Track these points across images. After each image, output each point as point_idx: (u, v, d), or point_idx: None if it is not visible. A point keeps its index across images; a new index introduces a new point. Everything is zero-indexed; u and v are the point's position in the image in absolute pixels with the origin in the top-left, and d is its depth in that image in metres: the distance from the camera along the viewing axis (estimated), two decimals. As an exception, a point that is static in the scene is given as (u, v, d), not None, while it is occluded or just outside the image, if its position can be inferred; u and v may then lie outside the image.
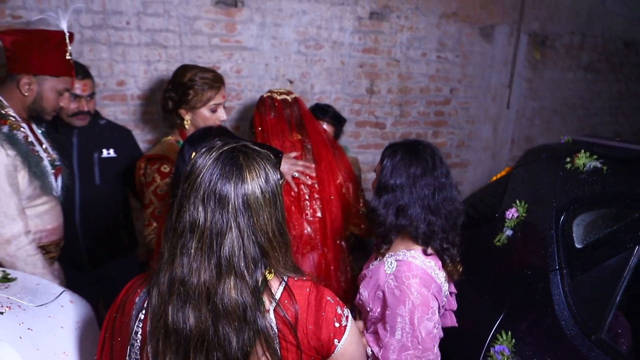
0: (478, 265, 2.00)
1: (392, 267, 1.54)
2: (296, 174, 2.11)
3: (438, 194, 1.56)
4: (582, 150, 1.90)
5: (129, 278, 2.52)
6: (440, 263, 1.58)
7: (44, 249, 2.03)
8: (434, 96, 3.59)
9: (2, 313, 1.32)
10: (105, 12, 2.67)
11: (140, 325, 1.07)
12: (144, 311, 1.07)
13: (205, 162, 1.01)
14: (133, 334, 1.08)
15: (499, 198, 2.17)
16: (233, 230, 0.99)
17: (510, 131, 3.97)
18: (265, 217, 1.02)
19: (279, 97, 2.21)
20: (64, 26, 1.99)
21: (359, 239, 2.50)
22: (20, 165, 1.86)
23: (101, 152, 2.37)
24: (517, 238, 1.95)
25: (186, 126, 2.22)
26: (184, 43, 2.84)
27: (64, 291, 1.67)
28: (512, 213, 2.00)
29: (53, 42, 1.90)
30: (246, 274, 1.00)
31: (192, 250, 1.00)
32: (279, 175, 1.07)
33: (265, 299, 1.05)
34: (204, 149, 1.05)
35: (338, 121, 2.60)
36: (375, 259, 1.67)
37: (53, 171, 2.03)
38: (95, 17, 2.66)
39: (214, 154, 1.03)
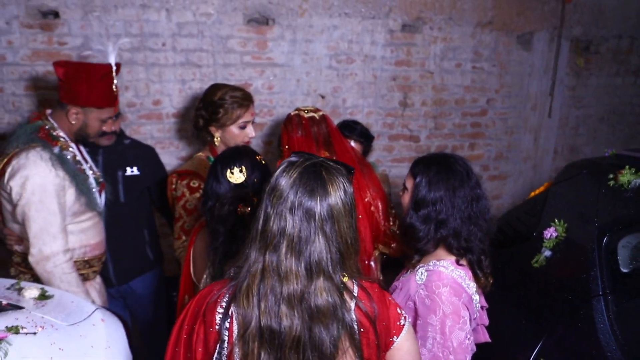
0: (514, 286, 1.91)
1: (423, 277, 1.54)
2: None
3: (475, 204, 1.56)
4: (627, 167, 1.78)
5: (154, 293, 2.63)
6: (470, 273, 1.56)
7: (87, 263, 2.13)
8: (470, 107, 3.50)
9: (35, 333, 1.36)
10: (142, 35, 2.77)
11: (227, 333, 1.12)
12: (229, 318, 1.12)
13: (289, 177, 1.10)
14: (220, 342, 1.13)
15: (536, 216, 2.07)
16: (320, 237, 1.09)
17: (553, 141, 3.80)
18: (345, 225, 1.13)
19: (306, 115, 2.21)
20: (111, 60, 2.11)
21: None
22: (68, 183, 1.97)
23: (125, 170, 2.43)
24: (556, 259, 1.86)
25: (216, 143, 2.26)
26: (217, 62, 2.90)
27: (96, 309, 1.72)
28: (550, 233, 1.91)
29: (100, 74, 2.03)
30: (333, 275, 1.10)
31: (283, 257, 1.08)
32: (352, 188, 1.17)
33: (346, 297, 1.14)
34: (285, 165, 1.14)
35: (366, 138, 2.56)
36: (407, 271, 1.67)
37: (97, 188, 2.13)
38: (133, 40, 2.76)
39: (297, 169, 1.11)
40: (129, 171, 2.45)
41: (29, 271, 2.03)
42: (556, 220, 1.92)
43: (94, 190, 2.10)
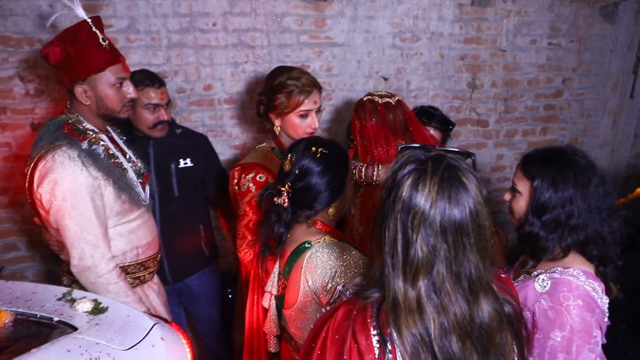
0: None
1: (546, 286, 1.37)
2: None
3: (607, 200, 1.37)
4: None
5: (210, 290, 2.48)
6: (604, 286, 1.36)
7: (142, 265, 1.95)
8: (544, 88, 3.17)
9: None
10: (192, 15, 2.55)
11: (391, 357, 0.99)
12: (389, 347, 0.99)
13: (427, 192, 0.94)
14: None
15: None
16: (473, 250, 0.96)
17: (634, 124, 3.44)
18: (487, 222, 1.00)
19: (381, 101, 2.00)
20: (81, 13, 1.75)
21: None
22: (104, 182, 1.76)
23: (178, 162, 2.27)
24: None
25: (276, 132, 2.04)
26: (271, 42, 2.67)
27: (155, 324, 1.54)
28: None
29: (81, 37, 1.72)
30: (490, 285, 1.00)
31: (439, 284, 0.95)
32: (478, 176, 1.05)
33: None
34: (413, 178, 0.96)
35: (446, 125, 2.31)
36: (519, 276, 1.49)
37: (140, 180, 1.92)
38: (182, 20, 2.55)
39: (433, 180, 0.95)
40: (182, 163, 2.29)
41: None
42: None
43: (135, 184, 1.88)
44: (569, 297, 1.31)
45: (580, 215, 1.34)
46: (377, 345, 0.98)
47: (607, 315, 1.36)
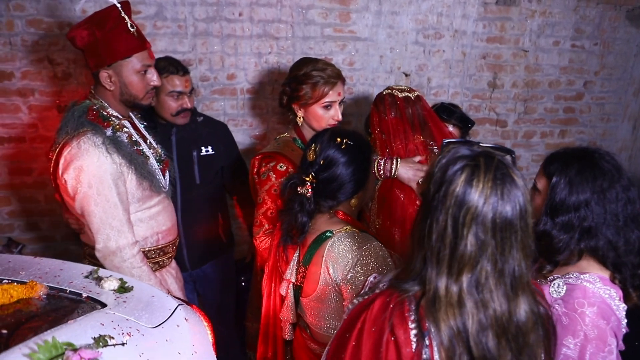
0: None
1: (561, 291, 1.35)
2: (421, 181, 1.89)
3: (630, 208, 1.33)
4: None
5: (225, 278, 2.51)
6: (621, 293, 1.33)
7: (162, 250, 1.98)
8: (565, 90, 3.16)
9: (124, 344, 1.22)
10: (219, 4, 2.58)
11: (427, 355, 1.00)
12: (427, 342, 1.00)
13: (481, 189, 0.95)
14: None
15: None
16: (518, 248, 0.97)
17: (654, 131, 3.42)
18: (532, 223, 1.00)
19: (400, 95, 1.99)
20: None
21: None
22: (126, 169, 1.78)
23: (200, 150, 2.29)
24: None
25: (299, 123, 2.06)
26: (295, 34, 2.69)
27: (178, 305, 1.58)
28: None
29: (110, 22, 1.71)
30: (529, 284, 1.01)
31: (483, 280, 0.96)
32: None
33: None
34: (467, 173, 0.96)
35: (465, 124, 2.31)
36: (535, 280, 1.45)
37: (160, 167, 1.94)
38: (209, 9, 2.58)
39: (487, 177, 0.95)
40: (203, 151, 2.31)
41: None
42: None
43: (156, 171, 1.90)
44: (583, 303, 1.29)
45: (595, 220, 1.31)
46: (415, 339, 0.99)
47: (625, 322, 1.33)
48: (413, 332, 0.99)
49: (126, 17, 1.74)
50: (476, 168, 0.96)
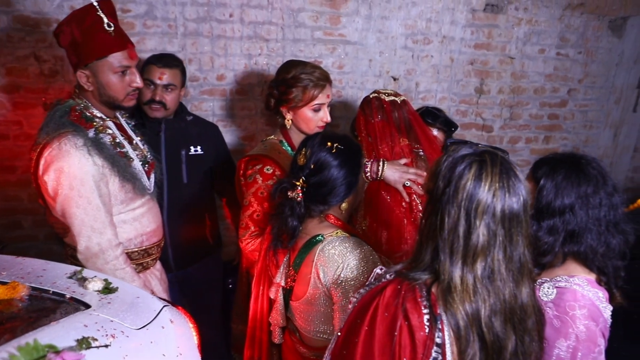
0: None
1: (551, 295, 1.37)
2: (408, 183, 1.91)
3: (613, 214, 1.36)
4: None
5: (212, 280, 2.49)
6: (607, 294, 1.37)
7: (146, 252, 1.96)
8: (549, 97, 3.22)
9: (107, 346, 1.21)
10: (209, 5, 2.58)
11: (440, 339, 1.05)
12: (440, 326, 1.05)
13: (489, 184, 1.02)
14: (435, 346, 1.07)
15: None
16: (523, 237, 1.04)
17: (634, 138, 3.50)
18: (529, 217, 1.07)
19: (387, 99, 2.00)
20: None
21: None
22: (109, 171, 1.74)
23: (189, 149, 2.28)
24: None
25: (287, 125, 2.06)
26: (286, 36, 2.70)
27: (164, 306, 1.56)
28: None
29: (87, 20, 1.66)
30: (531, 271, 1.08)
31: (496, 268, 1.03)
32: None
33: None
34: (474, 169, 1.03)
35: (449, 127, 2.34)
36: None
37: (145, 169, 1.90)
38: (199, 9, 2.57)
39: (494, 172, 1.03)
40: (192, 150, 2.29)
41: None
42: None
43: (140, 174, 1.87)
44: (574, 306, 1.32)
45: (578, 225, 1.35)
46: (428, 324, 1.03)
47: (610, 322, 1.36)
48: (426, 317, 1.04)
49: (103, 15, 1.67)
50: (483, 164, 1.03)
